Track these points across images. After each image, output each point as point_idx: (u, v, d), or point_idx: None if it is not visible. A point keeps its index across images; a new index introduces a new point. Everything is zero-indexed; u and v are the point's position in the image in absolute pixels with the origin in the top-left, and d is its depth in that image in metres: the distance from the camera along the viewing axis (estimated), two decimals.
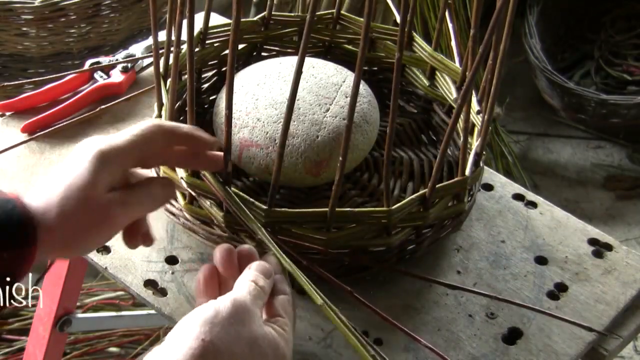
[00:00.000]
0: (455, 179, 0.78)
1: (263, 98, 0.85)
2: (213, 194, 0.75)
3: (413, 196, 0.76)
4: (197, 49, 0.92)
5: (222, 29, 0.94)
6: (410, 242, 0.80)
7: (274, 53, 0.99)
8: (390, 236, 0.77)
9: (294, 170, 0.83)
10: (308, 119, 0.83)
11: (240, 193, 0.74)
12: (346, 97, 0.86)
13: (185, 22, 0.71)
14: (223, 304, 0.61)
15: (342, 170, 0.70)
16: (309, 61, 0.91)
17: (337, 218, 0.74)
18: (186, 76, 0.86)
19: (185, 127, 0.72)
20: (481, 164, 0.82)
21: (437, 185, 0.76)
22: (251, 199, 0.74)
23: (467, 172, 0.79)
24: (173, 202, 0.83)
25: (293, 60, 0.90)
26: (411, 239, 0.80)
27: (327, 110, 0.84)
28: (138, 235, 0.72)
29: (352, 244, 0.77)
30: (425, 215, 0.77)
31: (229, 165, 0.73)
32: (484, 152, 0.81)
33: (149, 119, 0.70)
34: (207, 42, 0.93)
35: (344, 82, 0.88)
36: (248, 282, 0.65)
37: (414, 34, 0.94)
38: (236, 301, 0.62)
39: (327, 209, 0.73)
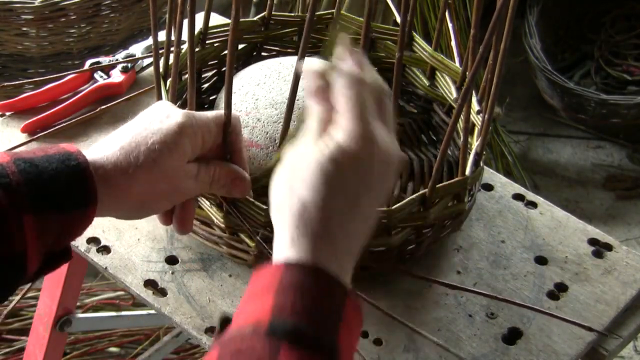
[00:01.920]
0: (455, 179, 0.78)
1: (263, 98, 0.85)
2: (212, 195, 0.75)
3: (413, 196, 0.76)
4: (197, 49, 0.92)
5: (222, 29, 0.94)
6: (410, 242, 0.80)
7: (274, 53, 0.99)
8: (391, 236, 0.77)
9: None
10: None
11: None
12: None
13: (185, 22, 0.71)
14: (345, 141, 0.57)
15: None
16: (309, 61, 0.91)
17: None
18: (186, 76, 0.86)
19: (244, 154, 0.72)
20: (481, 164, 0.82)
21: (437, 185, 0.76)
22: (251, 199, 0.74)
23: (467, 172, 0.79)
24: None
25: (293, 60, 0.90)
26: (411, 239, 0.80)
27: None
28: (190, 221, 0.73)
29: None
30: (426, 215, 0.77)
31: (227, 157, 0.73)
32: (484, 152, 0.81)
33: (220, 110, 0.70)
34: (207, 42, 0.93)
35: None
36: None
37: (414, 34, 0.94)
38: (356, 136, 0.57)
39: None
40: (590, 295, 0.81)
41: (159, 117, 0.66)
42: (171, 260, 0.83)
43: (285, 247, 0.55)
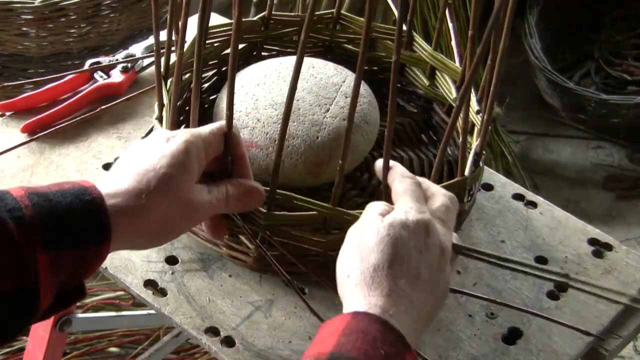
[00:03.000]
0: (455, 179, 0.78)
1: (263, 98, 0.85)
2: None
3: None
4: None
5: (222, 29, 0.94)
6: None
7: (274, 53, 0.99)
8: None
9: (294, 171, 0.83)
10: (308, 120, 0.83)
11: None
12: (346, 97, 0.86)
13: (190, 20, 0.71)
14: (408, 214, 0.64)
15: (342, 172, 0.70)
16: (309, 61, 0.91)
17: (336, 220, 0.74)
18: (186, 76, 0.86)
19: (248, 170, 0.73)
20: (481, 164, 0.82)
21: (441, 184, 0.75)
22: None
23: (467, 172, 0.79)
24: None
25: (293, 60, 0.90)
26: None
27: (327, 110, 0.84)
28: (223, 228, 0.74)
29: None
30: None
31: (229, 165, 0.73)
32: (483, 152, 0.81)
33: (222, 121, 0.70)
34: (207, 42, 0.93)
35: (344, 82, 0.88)
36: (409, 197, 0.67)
37: (414, 33, 0.94)
38: (419, 214, 0.64)
39: (326, 211, 0.73)
40: (590, 295, 0.81)
41: (161, 141, 0.66)
42: (171, 260, 0.83)
43: (356, 303, 0.59)
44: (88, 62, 1.04)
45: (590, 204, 2.14)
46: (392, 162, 0.70)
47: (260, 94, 0.85)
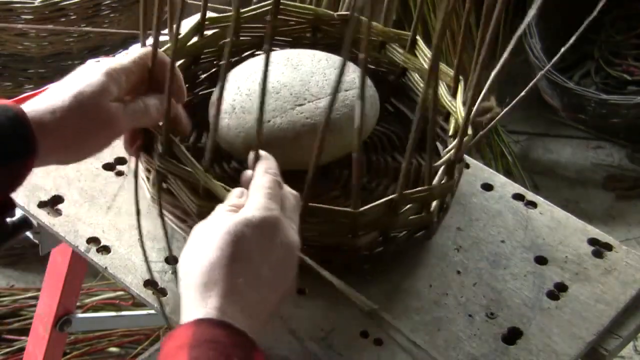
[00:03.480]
0: (417, 189, 0.77)
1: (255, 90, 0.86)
2: (189, 181, 0.75)
3: (381, 200, 0.75)
4: (195, 39, 0.92)
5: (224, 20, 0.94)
6: (377, 245, 0.80)
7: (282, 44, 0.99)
8: (356, 237, 0.77)
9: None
10: (290, 108, 0.84)
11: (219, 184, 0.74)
12: (346, 90, 0.86)
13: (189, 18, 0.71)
14: (252, 213, 0.63)
15: (317, 166, 0.70)
16: (312, 53, 0.91)
17: (309, 212, 0.73)
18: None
19: (181, 81, 0.77)
20: (455, 175, 0.80)
21: (404, 192, 0.75)
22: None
23: (435, 181, 0.77)
24: (170, 205, 0.83)
25: (298, 52, 0.92)
26: (379, 241, 0.79)
27: (305, 102, 0.85)
28: (136, 144, 0.77)
29: (321, 240, 0.77)
30: (393, 220, 0.77)
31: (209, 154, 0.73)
32: (462, 160, 0.79)
33: (147, 47, 0.76)
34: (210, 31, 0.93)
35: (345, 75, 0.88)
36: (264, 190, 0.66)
37: (418, 38, 0.93)
38: (267, 212, 0.63)
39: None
40: (590, 295, 0.81)
41: (83, 71, 0.71)
42: (171, 260, 0.83)
43: (196, 306, 0.58)
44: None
45: (590, 204, 2.14)
46: (263, 153, 0.69)
47: (252, 87, 0.86)
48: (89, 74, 0.70)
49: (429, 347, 0.76)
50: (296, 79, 0.86)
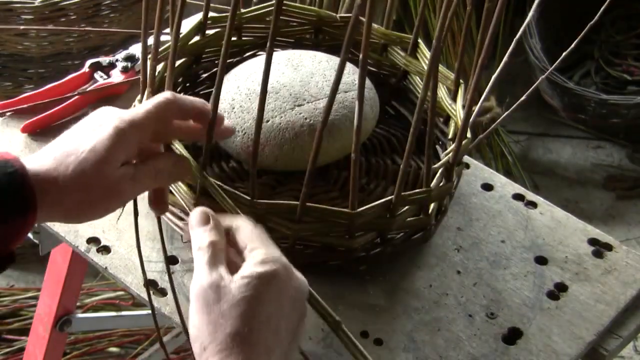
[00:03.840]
0: (414, 190, 0.77)
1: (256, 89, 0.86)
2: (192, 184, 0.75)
3: (379, 202, 0.75)
4: (196, 38, 0.92)
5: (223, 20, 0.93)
6: (375, 246, 0.80)
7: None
8: (353, 238, 0.77)
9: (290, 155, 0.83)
10: (290, 109, 0.84)
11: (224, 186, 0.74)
12: (345, 92, 0.86)
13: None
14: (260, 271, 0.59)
15: (313, 166, 0.70)
16: (313, 54, 0.91)
17: (306, 212, 0.73)
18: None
19: (197, 100, 0.71)
20: (454, 177, 0.80)
21: (402, 194, 0.74)
22: (236, 191, 0.73)
23: (433, 184, 0.77)
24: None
25: (299, 52, 0.92)
26: (377, 242, 0.80)
27: (305, 103, 0.85)
28: (164, 202, 0.73)
29: (318, 239, 0.77)
30: (390, 222, 0.77)
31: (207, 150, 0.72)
32: (462, 163, 0.79)
33: (162, 93, 0.70)
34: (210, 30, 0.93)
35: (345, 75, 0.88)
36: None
37: (420, 41, 0.93)
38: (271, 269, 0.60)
39: (297, 202, 0.73)
40: (590, 295, 0.81)
41: (92, 126, 0.66)
42: (171, 260, 0.83)
43: None
44: (88, 62, 1.04)
45: (590, 204, 2.14)
46: (234, 219, 0.66)
47: (256, 80, 0.86)
48: (95, 135, 0.65)
49: (429, 347, 0.76)
50: (296, 79, 0.86)
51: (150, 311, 0.79)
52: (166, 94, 0.69)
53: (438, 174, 0.78)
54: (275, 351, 0.58)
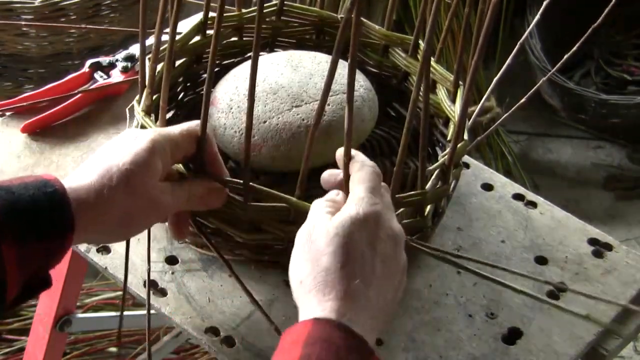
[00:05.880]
0: (409, 192, 0.76)
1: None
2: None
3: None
4: (197, 38, 0.92)
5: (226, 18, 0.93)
6: None
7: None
8: None
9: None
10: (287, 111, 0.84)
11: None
12: (344, 93, 0.86)
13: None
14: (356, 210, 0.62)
15: (307, 167, 0.70)
16: (314, 54, 0.92)
17: (300, 215, 0.73)
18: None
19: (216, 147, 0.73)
20: (450, 179, 0.79)
21: (396, 196, 0.74)
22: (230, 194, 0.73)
23: (428, 186, 0.76)
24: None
25: (299, 53, 0.92)
26: None
27: (302, 104, 0.85)
28: (186, 227, 0.74)
29: None
30: None
31: (203, 165, 0.73)
32: (460, 165, 0.78)
33: (193, 122, 0.71)
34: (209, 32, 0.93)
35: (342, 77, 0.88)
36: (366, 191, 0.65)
37: (420, 42, 0.93)
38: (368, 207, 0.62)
39: (289, 204, 0.73)
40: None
41: (128, 139, 0.67)
42: (171, 260, 0.83)
43: (312, 310, 0.58)
44: (88, 62, 1.04)
45: (590, 204, 2.15)
46: (353, 152, 0.68)
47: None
48: (134, 146, 0.66)
49: (429, 347, 0.76)
50: (295, 80, 0.86)
51: (152, 311, 0.79)
52: (197, 122, 0.71)
53: (434, 176, 0.78)
54: (372, 286, 0.60)
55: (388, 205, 0.65)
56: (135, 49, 1.07)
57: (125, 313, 1.44)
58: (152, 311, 0.79)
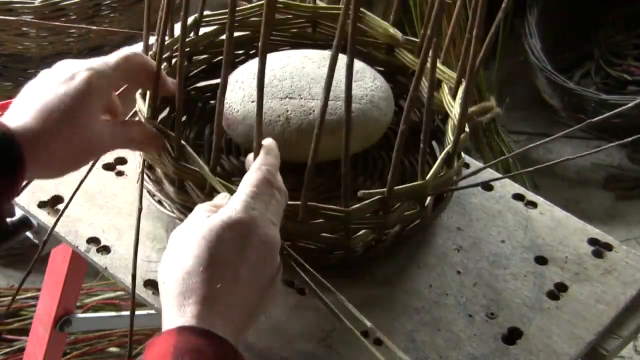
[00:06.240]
0: (410, 184, 0.77)
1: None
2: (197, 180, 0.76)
3: (372, 198, 0.75)
4: (190, 36, 0.92)
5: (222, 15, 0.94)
6: (374, 242, 0.80)
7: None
8: (349, 235, 0.77)
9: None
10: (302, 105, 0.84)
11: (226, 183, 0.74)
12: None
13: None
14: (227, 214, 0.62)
15: (313, 165, 0.70)
16: (325, 53, 0.92)
17: (306, 211, 0.74)
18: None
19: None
20: (455, 165, 0.80)
21: (394, 188, 0.74)
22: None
23: (429, 177, 0.77)
24: (167, 201, 0.83)
25: (311, 51, 0.92)
26: (375, 239, 0.80)
27: (312, 100, 0.85)
28: (159, 145, 0.77)
29: (315, 239, 0.78)
30: (385, 218, 0.77)
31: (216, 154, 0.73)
32: (461, 154, 0.79)
33: (128, 49, 0.75)
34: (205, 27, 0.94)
35: (357, 73, 0.88)
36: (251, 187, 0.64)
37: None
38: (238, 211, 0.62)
39: (299, 202, 0.73)
40: (590, 295, 0.81)
41: (65, 77, 0.69)
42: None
43: (174, 315, 0.58)
44: None
45: (590, 204, 2.15)
46: (267, 144, 0.68)
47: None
48: (73, 86, 0.68)
49: (429, 347, 0.76)
50: (307, 76, 0.86)
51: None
52: (134, 50, 0.74)
53: (435, 166, 0.78)
54: (234, 291, 0.59)
55: (272, 212, 0.64)
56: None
57: (125, 313, 1.44)
58: (151, 311, 0.78)
